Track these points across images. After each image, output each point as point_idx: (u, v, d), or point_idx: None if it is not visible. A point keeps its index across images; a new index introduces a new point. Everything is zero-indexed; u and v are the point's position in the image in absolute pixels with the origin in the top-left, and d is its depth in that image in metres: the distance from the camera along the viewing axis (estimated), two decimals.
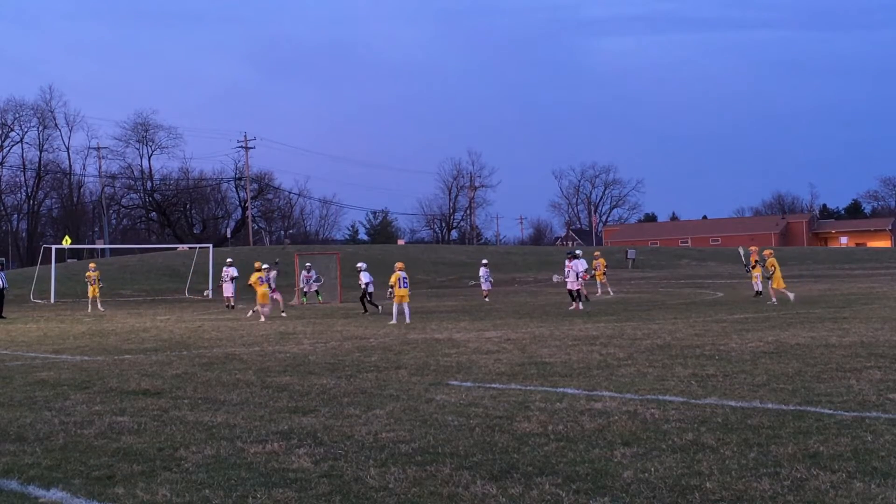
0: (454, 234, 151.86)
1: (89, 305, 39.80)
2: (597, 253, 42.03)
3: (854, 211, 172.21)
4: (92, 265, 43.12)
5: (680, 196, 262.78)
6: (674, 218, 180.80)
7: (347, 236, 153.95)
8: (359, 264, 33.00)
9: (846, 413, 9.47)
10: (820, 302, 29.93)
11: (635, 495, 6.62)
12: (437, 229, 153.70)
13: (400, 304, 25.71)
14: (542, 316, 27.31)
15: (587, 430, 8.94)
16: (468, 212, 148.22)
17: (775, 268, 30.50)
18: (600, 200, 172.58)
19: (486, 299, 38.48)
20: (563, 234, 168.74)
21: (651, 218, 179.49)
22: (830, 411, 9.58)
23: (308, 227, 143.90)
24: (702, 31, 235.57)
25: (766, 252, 33.14)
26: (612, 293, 39.72)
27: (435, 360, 15.66)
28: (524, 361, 15.02)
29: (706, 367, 13.58)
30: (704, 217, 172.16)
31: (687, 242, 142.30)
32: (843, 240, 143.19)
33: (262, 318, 28.36)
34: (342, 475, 7.44)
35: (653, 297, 37.71)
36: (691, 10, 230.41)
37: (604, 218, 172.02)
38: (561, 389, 11.77)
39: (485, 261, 41.77)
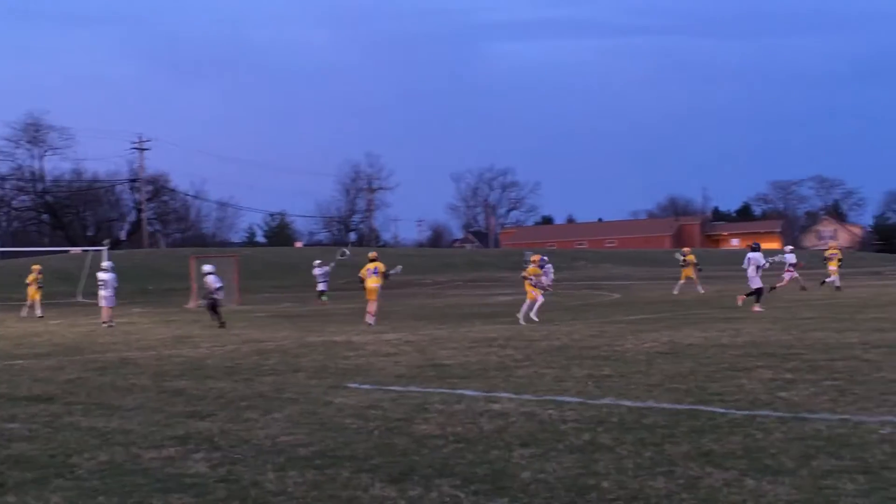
0: (352, 236, 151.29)
1: (37, 309, 36.29)
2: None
3: (745, 213, 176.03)
4: (36, 267, 38.39)
5: (576, 199, 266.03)
6: (570, 220, 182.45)
7: (245, 238, 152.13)
8: (205, 266, 28.30)
9: (738, 412, 9.67)
10: (713, 303, 30.59)
11: (534, 495, 6.68)
12: (335, 231, 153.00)
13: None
14: (441, 318, 27.39)
15: (486, 432, 8.99)
16: (367, 214, 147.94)
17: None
18: (498, 203, 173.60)
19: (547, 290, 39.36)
20: (461, 237, 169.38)
21: (548, 220, 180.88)
22: (723, 410, 9.78)
23: (205, 230, 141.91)
24: (597, 37, 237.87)
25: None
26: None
27: (334, 362, 15.58)
28: (423, 363, 15.04)
29: (603, 367, 13.76)
30: (600, 219, 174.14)
31: (583, 244, 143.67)
32: (735, 241, 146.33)
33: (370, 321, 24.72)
34: (240, 480, 7.36)
35: (550, 298, 38.01)
36: (586, 15, 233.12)
37: (501, 220, 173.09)
38: (459, 391, 11.81)
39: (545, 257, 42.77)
